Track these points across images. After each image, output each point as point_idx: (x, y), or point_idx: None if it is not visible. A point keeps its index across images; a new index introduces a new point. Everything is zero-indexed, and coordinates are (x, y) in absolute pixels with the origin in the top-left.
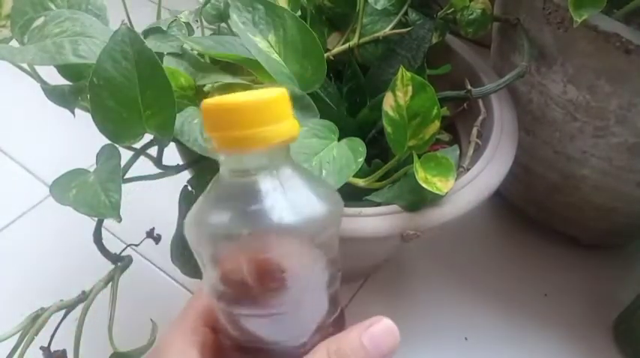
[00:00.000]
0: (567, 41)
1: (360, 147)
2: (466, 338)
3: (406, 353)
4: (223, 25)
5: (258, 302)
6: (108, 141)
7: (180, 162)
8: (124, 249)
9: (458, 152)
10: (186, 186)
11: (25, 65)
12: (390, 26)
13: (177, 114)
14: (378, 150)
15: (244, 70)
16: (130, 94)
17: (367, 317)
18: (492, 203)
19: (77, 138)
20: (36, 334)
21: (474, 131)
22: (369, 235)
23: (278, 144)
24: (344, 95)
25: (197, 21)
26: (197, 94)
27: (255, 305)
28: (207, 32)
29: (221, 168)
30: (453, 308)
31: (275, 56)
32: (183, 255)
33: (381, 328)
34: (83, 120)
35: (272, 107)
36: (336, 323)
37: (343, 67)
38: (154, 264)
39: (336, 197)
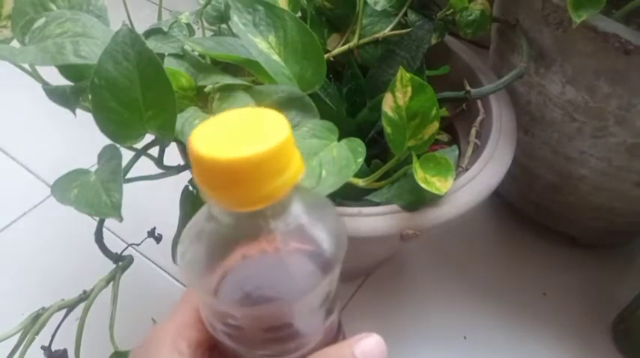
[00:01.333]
0: (566, 42)
1: (360, 147)
2: (465, 337)
3: (405, 352)
4: (224, 26)
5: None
6: (109, 142)
7: (182, 162)
8: (125, 249)
9: (457, 152)
10: (187, 186)
11: (26, 65)
12: (390, 27)
13: (178, 115)
14: (377, 151)
15: (245, 71)
16: (131, 95)
17: (366, 316)
18: (491, 203)
19: (78, 139)
20: (37, 333)
21: (473, 131)
22: (368, 235)
23: (283, 197)
24: (344, 96)
25: (198, 22)
26: (198, 95)
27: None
28: (208, 33)
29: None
30: (452, 307)
31: (275, 57)
32: None
33: (371, 341)
34: (84, 121)
35: (276, 157)
36: (335, 339)
37: (343, 68)
38: (155, 264)
39: (342, 227)
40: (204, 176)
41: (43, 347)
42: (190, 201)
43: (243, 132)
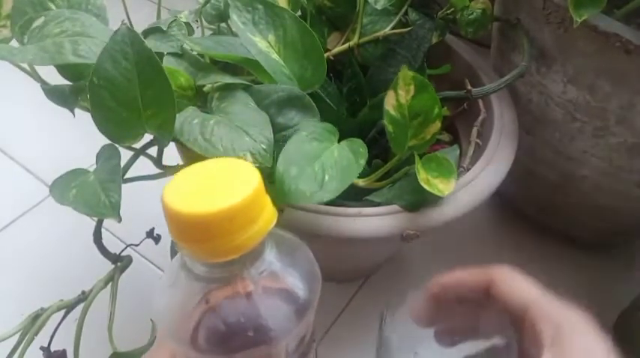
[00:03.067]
0: (567, 41)
1: (361, 148)
2: None
3: None
4: (223, 25)
5: None
6: (108, 141)
7: (180, 162)
8: (123, 249)
9: (458, 152)
10: None
11: (25, 65)
12: (390, 26)
13: (177, 114)
14: (378, 150)
15: (244, 70)
16: (130, 94)
17: (366, 317)
18: (492, 203)
19: (77, 138)
20: (36, 334)
21: (474, 131)
22: (368, 235)
23: (255, 246)
24: (344, 95)
25: (197, 21)
26: (197, 94)
27: None
28: (207, 32)
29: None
30: None
31: (275, 56)
32: None
33: None
34: (83, 120)
35: (248, 208)
36: None
37: (343, 67)
38: (154, 264)
39: (315, 270)
40: (177, 229)
41: (42, 348)
42: None
43: (214, 184)
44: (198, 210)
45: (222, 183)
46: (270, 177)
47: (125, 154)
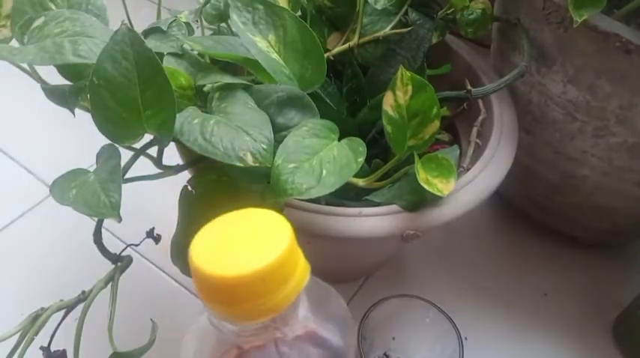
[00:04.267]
0: (567, 41)
1: (361, 147)
2: (466, 338)
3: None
4: (223, 25)
5: None
6: (108, 141)
7: (180, 162)
8: (123, 249)
9: (458, 152)
10: (186, 186)
11: (25, 65)
12: (390, 26)
13: (177, 114)
14: (378, 150)
15: (244, 70)
16: (130, 94)
17: None
18: (492, 203)
19: (77, 138)
20: (36, 334)
21: (474, 131)
22: (368, 235)
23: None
24: (344, 95)
25: (197, 21)
26: (197, 94)
27: None
28: (207, 32)
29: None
30: (453, 308)
31: (275, 56)
32: (183, 255)
33: None
34: (83, 120)
35: (281, 267)
36: None
37: (343, 67)
38: (154, 264)
39: (348, 316)
40: (206, 291)
41: (42, 348)
42: (189, 202)
43: (243, 241)
44: (229, 273)
45: (253, 238)
46: (269, 177)
47: (125, 154)
